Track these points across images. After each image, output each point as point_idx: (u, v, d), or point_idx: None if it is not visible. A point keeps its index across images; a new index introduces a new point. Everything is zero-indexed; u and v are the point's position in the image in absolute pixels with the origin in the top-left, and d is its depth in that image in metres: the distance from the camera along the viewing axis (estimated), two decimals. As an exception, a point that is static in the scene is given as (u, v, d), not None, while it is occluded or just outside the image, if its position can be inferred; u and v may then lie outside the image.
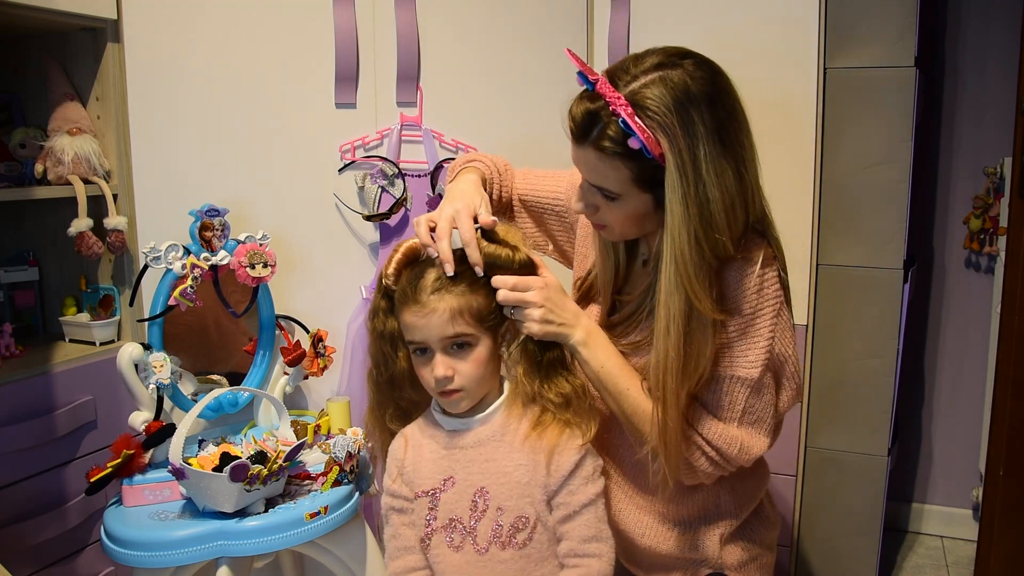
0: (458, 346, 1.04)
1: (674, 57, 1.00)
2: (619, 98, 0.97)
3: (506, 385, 1.12)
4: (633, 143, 0.96)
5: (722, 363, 1.06)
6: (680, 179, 0.97)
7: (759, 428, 1.09)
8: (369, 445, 1.25)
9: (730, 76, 1.04)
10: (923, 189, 2.40)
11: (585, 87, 1.03)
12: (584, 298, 1.26)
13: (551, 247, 1.40)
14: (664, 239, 1.01)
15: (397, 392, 1.15)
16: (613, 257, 1.18)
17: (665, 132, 0.96)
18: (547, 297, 1.06)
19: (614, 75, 1.01)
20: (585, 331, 1.09)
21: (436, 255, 1.05)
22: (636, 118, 0.96)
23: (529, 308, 1.05)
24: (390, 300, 1.10)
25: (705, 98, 0.97)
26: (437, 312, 1.02)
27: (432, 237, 1.06)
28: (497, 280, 1.05)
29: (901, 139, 1.92)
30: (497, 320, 1.08)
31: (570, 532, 1.05)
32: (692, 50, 1.03)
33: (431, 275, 1.05)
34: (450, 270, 1.03)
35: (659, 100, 0.96)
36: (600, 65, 2.07)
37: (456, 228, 1.05)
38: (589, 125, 1.01)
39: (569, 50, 1.07)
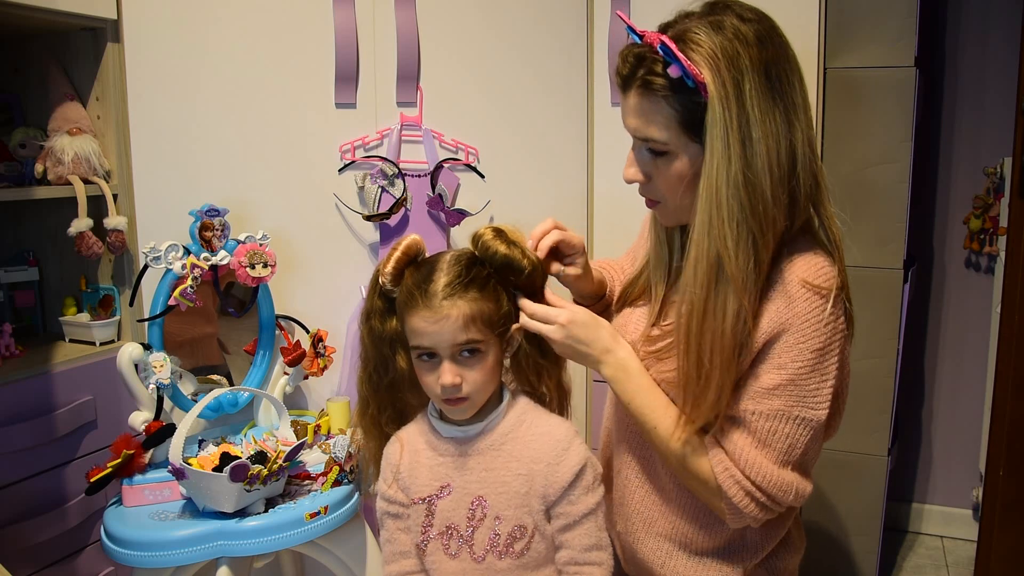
0: (468, 352, 1.01)
1: (721, 5, 0.98)
2: (663, 36, 0.94)
3: (505, 393, 1.10)
4: (673, 70, 0.92)
5: (788, 401, 0.98)
6: (722, 111, 0.92)
7: (809, 470, 1.03)
8: (361, 450, 1.22)
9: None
10: (923, 189, 2.40)
11: (633, 40, 1.00)
12: (624, 303, 1.21)
13: None
14: (702, 177, 0.95)
15: (396, 395, 1.12)
16: (667, 250, 1.13)
17: (709, 63, 0.92)
18: (567, 335, 1.05)
19: (664, 26, 1.00)
20: (614, 367, 1.07)
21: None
22: (679, 50, 0.92)
23: (550, 339, 1.06)
24: (387, 300, 1.08)
25: (755, 37, 0.94)
26: (451, 318, 0.99)
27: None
28: (523, 304, 1.06)
29: (901, 139, 1.93)
30: (505, 326, 1.06)
31: (570, 541, 1.04)
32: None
33: (442, 278, 1.01)
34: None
35: (706, 35, 0.93)
36: (600, 65, 2.07)
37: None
38: (635, 66, 0.98)
39: (619, 12, 1.05)
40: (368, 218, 1.79)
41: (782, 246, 1.01)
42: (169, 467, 1.31)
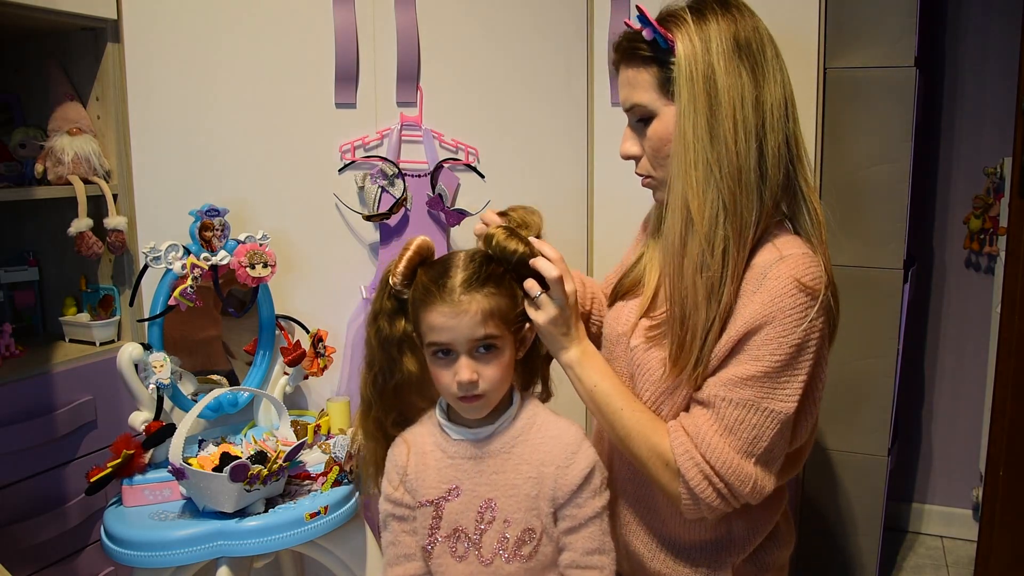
0: (484, 348, 1.01)
1: None
2: (641, 6, 1.03)
3: (515, 395, 1.09)
4: (647, 33, 1.01)
5: (759, 392, 1.00)
6: (688, 66, 1.00)
7: (772, 467, 1.04)
8: (361, 451, 1.20)
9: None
10: (923, 189, 2.40)
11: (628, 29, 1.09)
12: (616, 298, 1.22)
13: None
14: (675, 124, 1.02)
15: (402, 399, 1.11)
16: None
17: (681, 28, 1.01)
18: (570, 304, 1.06)
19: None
20: (580, 351, 1.09)
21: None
22: (656, 21, 1.02)
23: (551, 296, 1.05)
24: (397, 301, 1.07)
25: (729, 14, 1.02)
26: (469, 313, 0.99)
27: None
28: (551, 253, 1.06)
29: (901, 139, 1.93)
30: (520, 323, 1.06)
31: (573, 543, 1.04)
32: None
33: (459, 274, 1.01)
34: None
35: (684, 11, 1.03)
36: (600, 65, 2.07)
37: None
38: (626, 46, 1.06)
39: (628, 21, 1.09)
40: (368, 218, 1.79)
41: (766, 231, 1.04)
42: (169, 467, 1.31)
